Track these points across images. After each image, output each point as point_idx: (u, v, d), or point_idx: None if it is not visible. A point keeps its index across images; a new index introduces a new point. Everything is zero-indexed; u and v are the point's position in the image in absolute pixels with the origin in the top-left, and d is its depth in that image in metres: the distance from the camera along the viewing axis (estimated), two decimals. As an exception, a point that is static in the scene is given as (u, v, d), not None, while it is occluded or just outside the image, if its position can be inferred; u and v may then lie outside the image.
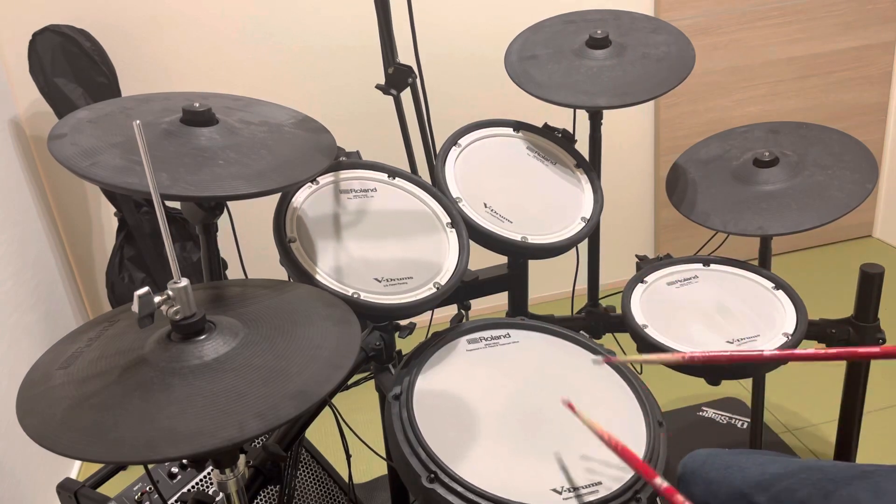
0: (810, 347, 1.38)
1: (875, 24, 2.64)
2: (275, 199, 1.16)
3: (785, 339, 1.24)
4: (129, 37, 2.11)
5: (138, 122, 0.75)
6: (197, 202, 1.08)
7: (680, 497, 0.77)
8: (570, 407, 0.96)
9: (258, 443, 1.30)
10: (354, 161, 1.27)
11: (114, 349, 0.82)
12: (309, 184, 1.20)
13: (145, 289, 0.75)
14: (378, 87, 1.57)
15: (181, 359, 0.78)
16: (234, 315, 0.86)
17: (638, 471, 0.88)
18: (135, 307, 0.74)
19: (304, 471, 1.51)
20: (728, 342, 1.25)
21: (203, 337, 0.80)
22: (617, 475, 0.94)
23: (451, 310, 1.58)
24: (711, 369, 1.24)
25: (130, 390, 0.74)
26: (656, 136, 2.64)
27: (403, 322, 1.34)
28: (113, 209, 2.19)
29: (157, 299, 0.77)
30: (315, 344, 0.83)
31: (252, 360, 0.79)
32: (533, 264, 1.61)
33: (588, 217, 1.39)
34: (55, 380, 0.78)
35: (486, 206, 1.34)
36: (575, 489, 0.92)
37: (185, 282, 0.79)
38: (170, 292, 0.78)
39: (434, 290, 1.15)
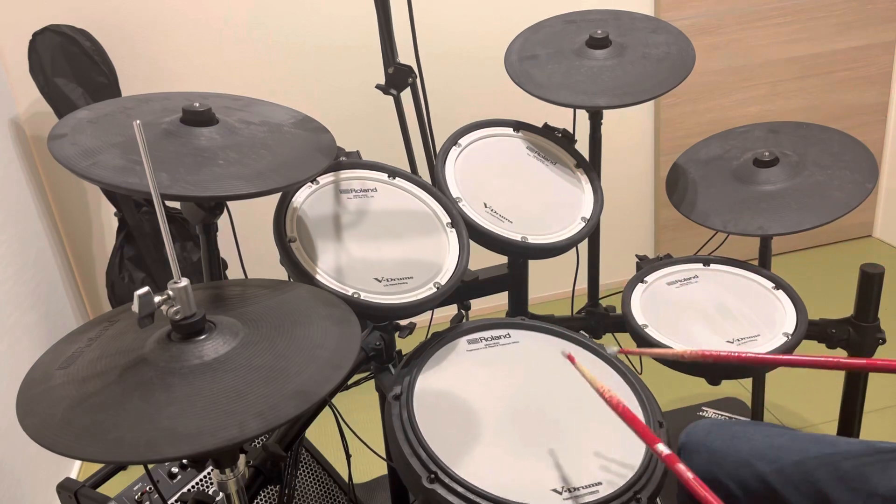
0: (810, 347, 1.38)
1: (875, 24, 2.64)
2: (275, 199, 1.15)
3: (785, 339, 1.24)
4: (129, 37, 2.11)
5: (138, 122, 0.75)
6: (197, 202, 1.08)
7: (682, 465, 0.76)
8: (571, 359, 0.97)
9: (258, 443, 1.30)
10: (354, 161, 1.27)
11: (114, 349, 0.82)
12: (309, 184, 1.20)
13: (145, 289, 0.75)
14: (378, 87, 1.57)
15: (181, 359, 0.78)
16: (234, 315, 0.86)
17: (639, 434, 0.86)
18: (135, 307, 0.74)
19: (304, 471, 1.50)
20: (728, 342, 1.25)
21: (203, 337, 0.80)
22: (617, 476, 0.94)
23: (451, 310, 1.58)
24: (711, 369, 1.24)
25: (130, 390, 0.74)
26: (656, 136, 2.64)
27: (403, 322, 1.34)
28: (113, 209, 2.19)
29: (157, 299, 0.77)
30: (315, 344, 0.83)
31: (252, 360, 0.78)
32: (533, 264, 1.61)
33: (588, 217, 1.39)
34: (55, 380, 0.78)
35: (486, 206, 1.33)
36: (575, 489, 0.92)
37: (185, 282, 0.79)
38: (170, 292, 0.78)
39: (434, 290, 1.15)
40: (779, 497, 0.99)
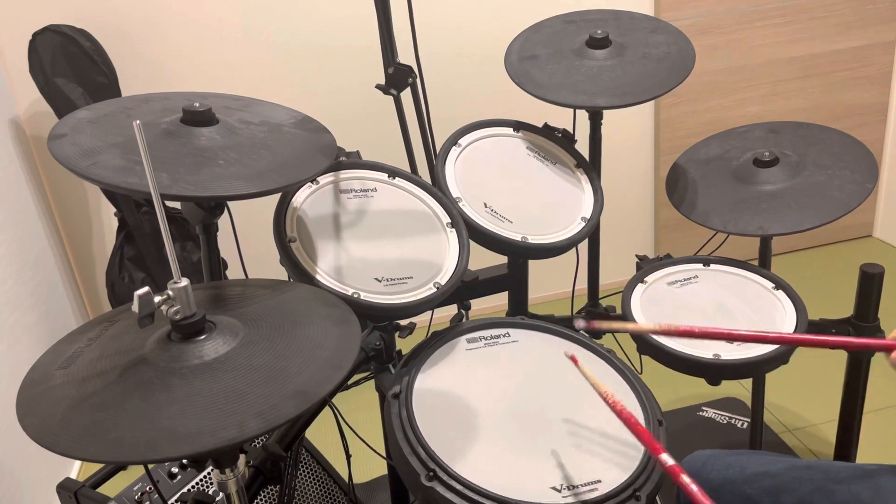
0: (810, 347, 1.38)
1: (875, 24, 2.64)
2: (275, 199, 1.16)
3: (785, 339, 1.24)
4: (129, 37, 2.11)
5: (138, 122, 0.75)
6: (197, 202, 1.08)
7: (685, 477, 0.76)
8: (574, 360, 0.95)
9: (258, 443, 1.30)
10: (354, 161, 1.27)
11: (114, 349, 0.82)
12: (309, 184, 1.20)
13: (145, 289, 0.75)
14: (378, 87, 1.57)
15: (181, 359, 0.78)
16: (234, 315, 0.86)
17: (643, 441, 0.85)
18: (135, 307, 0.74)
19: (304, 471, 1.51)
20: (728, 342, 1.25)
21: (203, 337, 0.80)
22: (616, 473, 0.94)
23: (451, 310, 1.58)
24: (711, 369, 1.24)
25: (130, 390, 0.74)
26: (656, 136, 2.64)
27: (403, 322, 1.34)
28: (113, 209, 2.19)
29: (157, 299, 0.77)
30: (315, 344, 0.83)
31: (252, 360, 0.79)
32: (533, 264, 1.61)
33: (588, 217, 1.39)
34: (55, 380, 0.78)
35: (486, 206, 1.34)
36: (574, 487, 0.92)
37: (185, 282, 0.79)
38: (170, 292, 0.78)
39: (434, 290, 1.15)
40: None
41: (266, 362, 0.79)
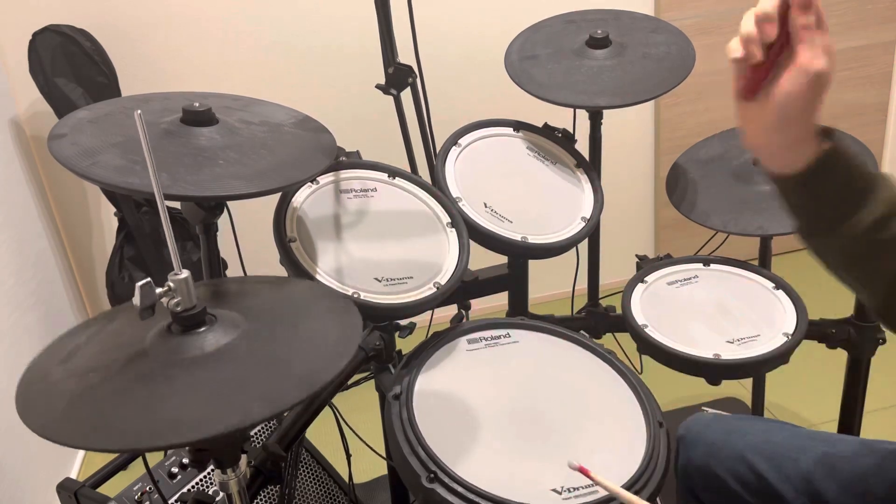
0: (811, 347, 1.38)
1: (875, 24, 2.64)
2: (275, 199, 1.15)
3: (785, 339, 1.24)
4: (129, 37, 2.11)
5: (139, 111, 0.74)
6: (197, 202, 1.08)
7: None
8: (584, 471, 0.86)
9: (258, 443, 1.30)
10: (354, 161, 1.27)
11: (113, 344, 0.82)
12: (309, 184, 1.20)
13: (147, 280, 0.75)
14: (378, 87, 1.57)
15: (182, 350, 0.77)
16: (235, 308, 0.86)
17: None
18: (136, 298, 0.74)
19: (304, 471, 1.50)
20: (728, 342, 1.25)
21: (203, 329, 0.80)
22: (617, 475, 0.94)
23: (451, 310, 1.58)
24: (711, 369, 1.24)
25: (131, 381, 0.74)
26: (656, 136, 2.64)
27: (403, 322, 1.34)
28: (113, 209, 2.19)
29: (158, 291, 0.77)
30: (316, 334, 0.83)
31: (254, 350, 0.78)
32: (533, 264, 1.61)
33: (588, 217, 1.39)
34: (55, 375, 0.78)
35: (486, 206, 1.33)
36: (574, 489, 0.92)
37: (185, 273, 0.78)
38: (170, 284, 0.78)
39: (434, 289, 1.15)
40: (774, 491, 0.99)
41: (268, 352, 0.79)
